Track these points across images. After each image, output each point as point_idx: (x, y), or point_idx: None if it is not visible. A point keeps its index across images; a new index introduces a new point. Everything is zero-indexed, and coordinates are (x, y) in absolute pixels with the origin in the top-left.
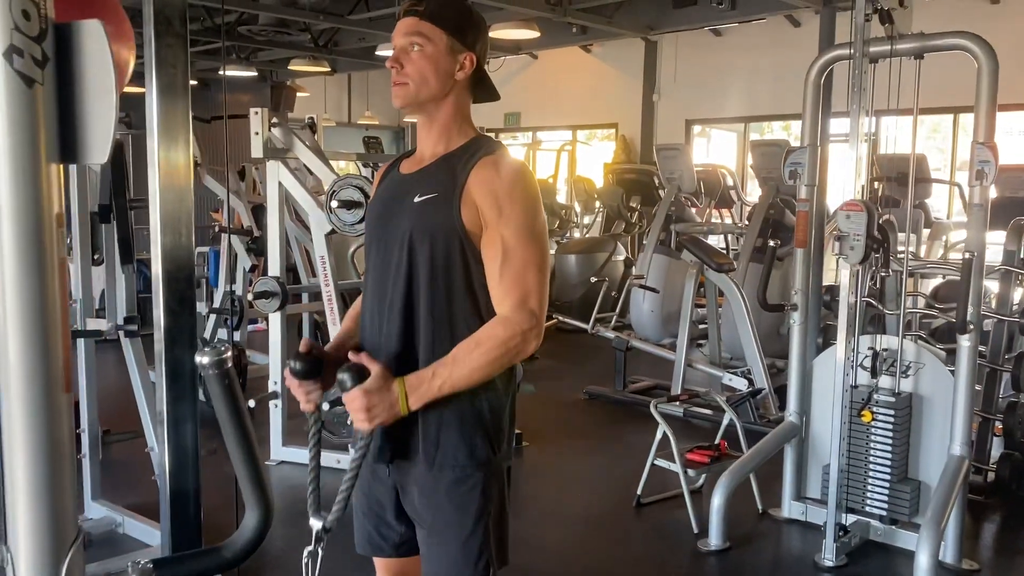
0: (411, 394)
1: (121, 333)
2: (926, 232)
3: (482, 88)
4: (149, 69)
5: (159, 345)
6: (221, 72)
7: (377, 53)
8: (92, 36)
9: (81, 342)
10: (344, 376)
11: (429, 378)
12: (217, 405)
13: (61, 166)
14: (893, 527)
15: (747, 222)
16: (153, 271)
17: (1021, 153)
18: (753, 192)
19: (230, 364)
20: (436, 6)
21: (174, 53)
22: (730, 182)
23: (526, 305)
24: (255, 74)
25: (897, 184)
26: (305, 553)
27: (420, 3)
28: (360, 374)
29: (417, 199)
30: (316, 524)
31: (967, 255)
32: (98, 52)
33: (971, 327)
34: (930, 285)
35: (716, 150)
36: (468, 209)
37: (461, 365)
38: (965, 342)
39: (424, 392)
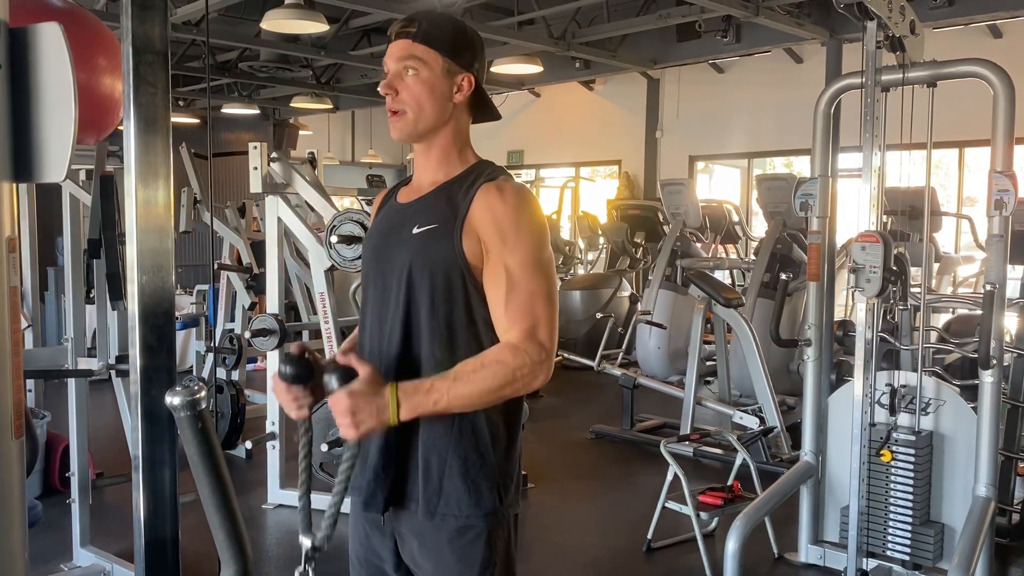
0: (404, 402)
1: (112, 372)
2: (935, 266)
3: (481, 108)
4: (127, 91)
5: (135, 386)
6: (207, 103)
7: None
8: (50, 41)
9: (72, 382)
10: (330, 377)
11: (426, 389)
12: (189, 451)
13: (14, 185)
14: (917, 572)
15: (753, 257)
16: (129, 309)
17: None
18: (757, 227)
19: (204, 405)
20: (429, 27)
21: (154, 72)
22: (735, 217)
23: (535, 336)
24: (257, 111)
25: (908, 218)
26: (296, 574)
27: (411, 24)
28: (347, 375)
29: (416, 230)
30: (306, 542)
31: (988, 287)
32: (56, 59)
33: (994, 362)
34: (941, 319)
35: (719, 186)
36: (470, 240)
37: (462, 384)
38: (988, 378)
39: (418, 404)
